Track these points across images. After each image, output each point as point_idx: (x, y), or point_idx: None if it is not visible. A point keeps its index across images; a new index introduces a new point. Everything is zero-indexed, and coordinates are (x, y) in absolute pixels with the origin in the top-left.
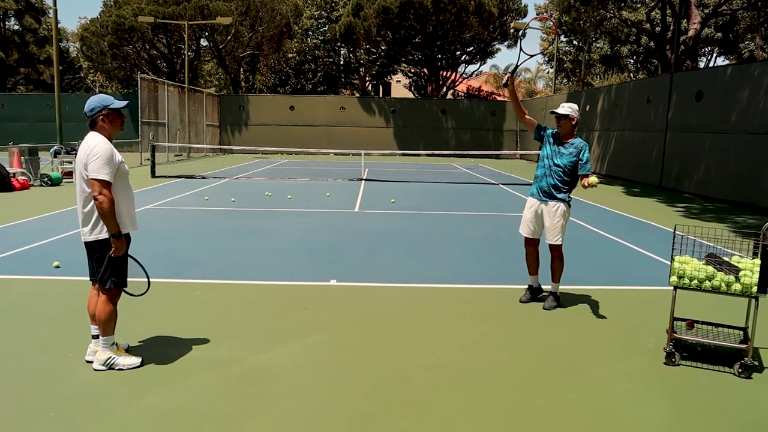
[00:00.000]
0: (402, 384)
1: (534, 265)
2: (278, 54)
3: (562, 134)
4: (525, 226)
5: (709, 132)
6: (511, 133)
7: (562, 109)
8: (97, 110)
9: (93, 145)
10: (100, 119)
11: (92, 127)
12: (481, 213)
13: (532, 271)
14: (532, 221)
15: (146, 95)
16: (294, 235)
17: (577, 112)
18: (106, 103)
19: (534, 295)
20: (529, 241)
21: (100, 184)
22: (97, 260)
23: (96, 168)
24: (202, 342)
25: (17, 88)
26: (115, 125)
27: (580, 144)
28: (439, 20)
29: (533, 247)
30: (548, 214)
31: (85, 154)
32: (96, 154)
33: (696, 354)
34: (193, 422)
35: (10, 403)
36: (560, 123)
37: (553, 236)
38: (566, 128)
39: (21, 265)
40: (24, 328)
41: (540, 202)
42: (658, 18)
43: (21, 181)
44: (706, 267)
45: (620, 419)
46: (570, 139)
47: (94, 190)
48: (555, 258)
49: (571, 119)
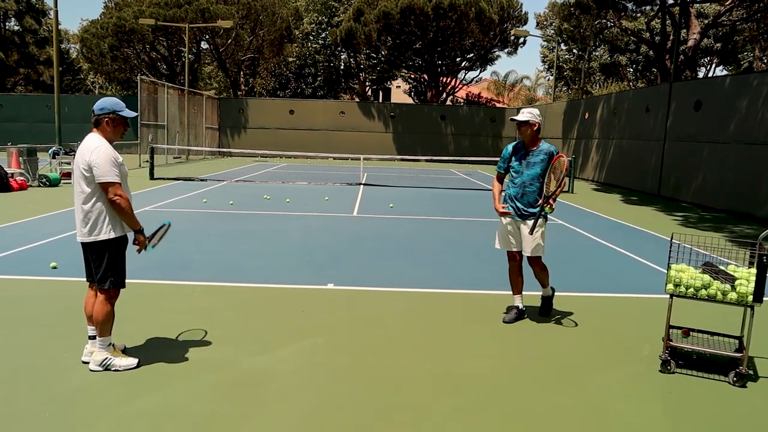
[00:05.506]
0: (397, 388)
1: (518, 284)
2: (278, 58)
3: (526, 141)
4: (503, 241)
5: (708, 141)
6: (510, 139)
7: (522, 115)
8: (105, 111)
9: (95, 147)
10: (105, 121)
11: (96, 126)
12: (479, 219)
13: (515, 290)
14: (510, 235)
15: (146, 97)
16: (292, 238)
17: (538, 117)
18: (117, 108)
19: (520, 316)
20: (511, 254)
21: (112, 186)
22: (95, 261)
23: (104, 172)
24: (198, 344)
25: (16, 88)
26: (117, 131)
27: (549, 148)
28: (440, 26)
29: (516, 261)
30: (526, 230)
31: (86, 156)
32: (100, 158)
33: (691, 362)
34: (189, 424)
35: (5, 403)
36: (521, 130)
37: (535, 250)
38: (528, 135)
39: (18, 265)
40: (20, 329)
41: (514, 220)
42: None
43: (19, 181)
44: (703, 276)
45: (614, 426)
46: (536, 146)
47: (109, 194)
48: (538, 270)
49: (532, 125)
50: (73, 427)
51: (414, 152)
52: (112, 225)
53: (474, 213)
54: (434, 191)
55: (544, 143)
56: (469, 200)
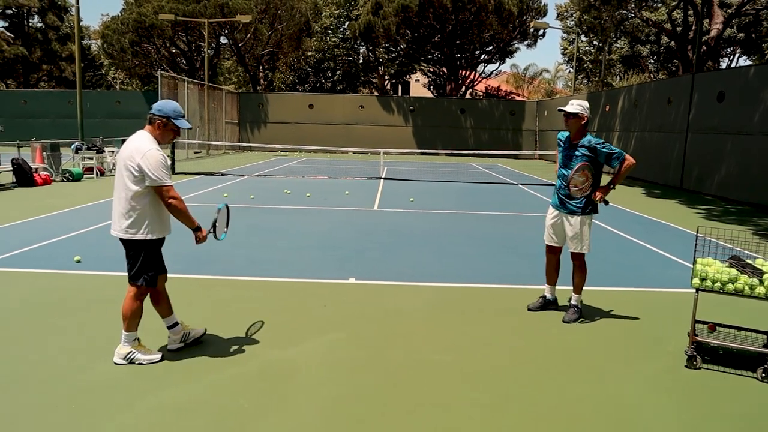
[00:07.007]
0: (419, 382)
1: (552, 275)
2: (297, 52)
3: (572, 135)
4: (546, 233)
5: (731, 133)
6: (530, 133)
7: (571, 107)
8: (161, 114)
9: (146, 150)
10: (157, 123)
11: (149, 123)
12: (500, 213)
13: (549, 280)
14: (552, 229)
15: (166, 92)
16: (313, 232)
17: (587, 110)
18: (173, 116)
19: (545, 306)
20: (549, 248)
21: (167, 189)
22: (130, 257)
23: (159, 176)
24: (220, 338)
25: (40, 84)
26: (167, 136)
27: (591, 142)
28: (459, 19)
29: (553, 254)
30: (568, 224)
31: (136, 158)
32: (152, 163)
33: (718, 357)
34: (212, 417)
35: (33, 394)
36: (568, 122)
37: (574, 245)
38: (574, 128)
39: (43, 259)
40: (46, 322)
41: (559, 212)
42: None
43: (43, 176)
44: (729, 269)
45: (639, 422)
46: (580, 139)
47: (164, 197)
48: (576, 267)
49: (581, 118)
50: (98, 418)
51: (434, 146)
52: (151, 228)
53: (496, 207)
54: (455, 185)
55: (588, 136)
56: (490, 194)
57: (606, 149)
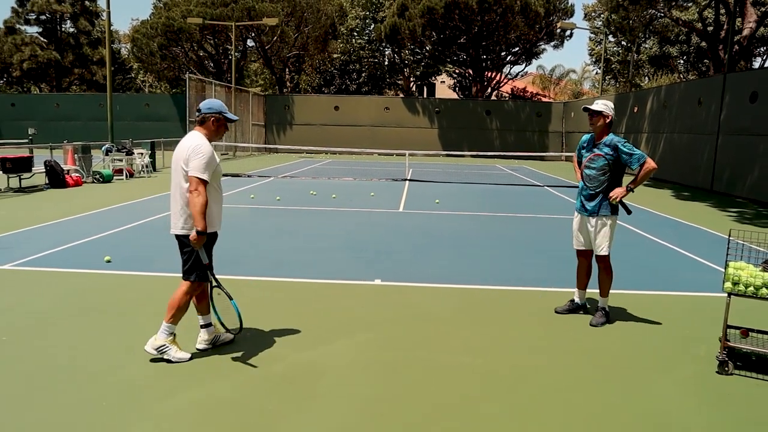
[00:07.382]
0: (447, 384)
1: (583, 279)
2: (323, 54)
3: (596, 134)
4: (573, 238)
5: (764, 134)
6: (556, 134)
7: (596, 105)
8: (213, 111)
9: (197, 144)
10: (211, 120)
11: (200, 124)
12: (527, 215)
13: (579, 284)
14: (578, 233)
15: (194, 95)
16: (339, 234)
17: (611, 110)
18: (223, 110)
19: (574, 310)
20: (579, 252)
21: (198, 181)
22: (185, 253)
23: (198, 167)
24: (247, 338)
25: (71, 88)
26: (220, 132)
27: (613, 141)
28: (485, 20)
29: (584, 258)
30: (591, 226)
31: (187, 151)
32: (200, 153)
33: (750, 363)
34: (238, 417)
35: (65, 392)
36: (592, 121)
37: (597, 247)
38: (598, 126)
39: (74, 259)
40: (77, 321)
41: (582, 215)
42: (710, 17)
43: (74, 177)
44: (763, 274)
45: (670, 429)
46: (602, 139)
47: (192, 186)
48: (601, 270)
49: (605, 116)
50: (127, 415)
51: (459, 148)
52: (207, 221)
53: (523, 209)
54: (480, 187)
55: (611, 135)
56: (516, 196)
57: (627, 149)
